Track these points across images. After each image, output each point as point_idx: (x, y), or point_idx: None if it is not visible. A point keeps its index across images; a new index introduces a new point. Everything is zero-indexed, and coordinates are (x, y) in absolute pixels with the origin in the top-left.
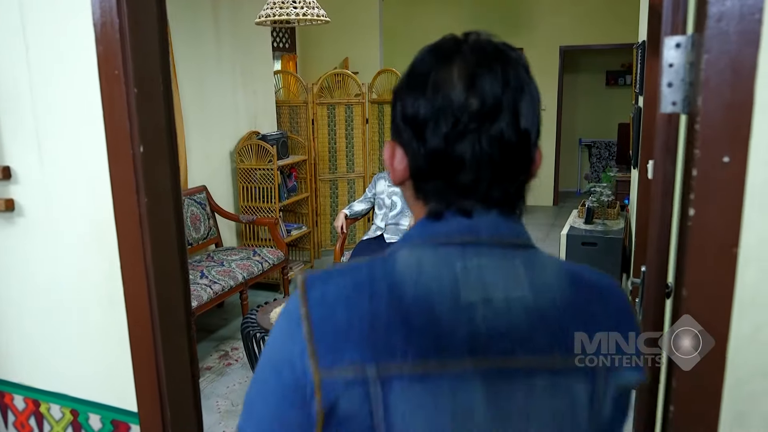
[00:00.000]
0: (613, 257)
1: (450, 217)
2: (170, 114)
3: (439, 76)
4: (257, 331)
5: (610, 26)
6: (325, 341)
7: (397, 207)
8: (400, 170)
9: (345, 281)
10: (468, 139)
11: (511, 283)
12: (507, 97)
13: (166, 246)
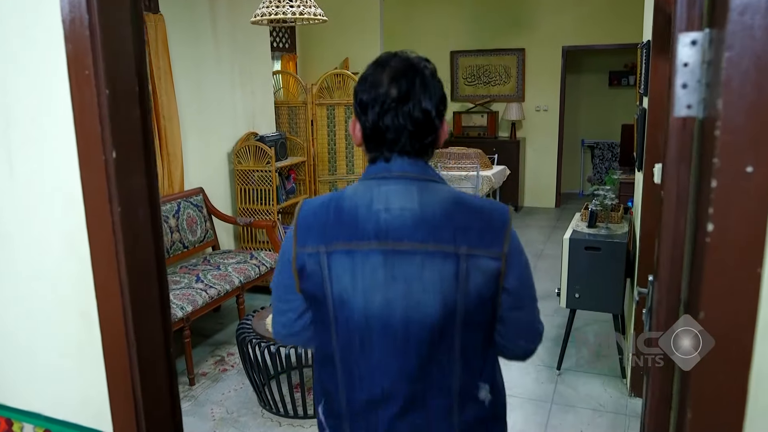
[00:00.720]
0: (617, 262)
1: (378, 161)
2: (147, 117)
3: (375, 77)
4: (252, 337)
5: (613, 26)
6: (301, 234)
7: None
8: (358, 136)
9: (317, 202)
10: (389, 115)
11: (405, 200)
12: (413, 90)
13: (142, 257)
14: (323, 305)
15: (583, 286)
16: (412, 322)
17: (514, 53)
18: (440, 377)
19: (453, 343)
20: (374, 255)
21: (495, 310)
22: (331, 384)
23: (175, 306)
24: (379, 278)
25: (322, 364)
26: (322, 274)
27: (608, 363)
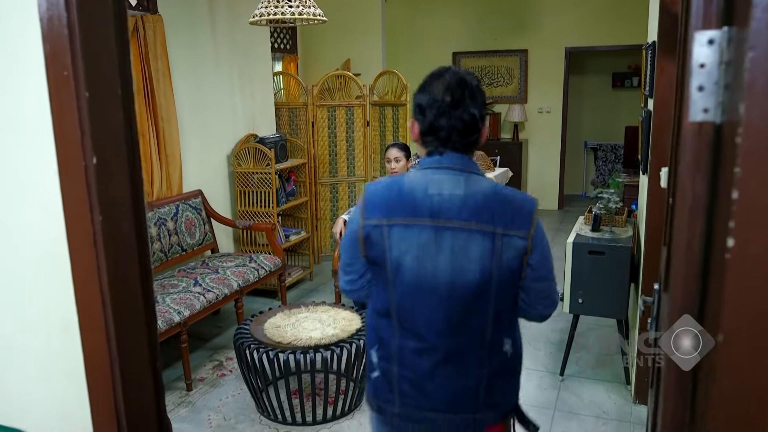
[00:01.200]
0: (622, 267)
1: (433, 155)
2: (131, 120)
3: (433, 87)
4: (251, 342)
5: (616, 27)
6: (367, 210)
7: None
8: (416, 133)
9: (380, 185)
10: (444, 117)
11: (454, 187)
12: (463, 98)
13: (126, 268)
14: (383, 268)
15: (586, 291)
16: (456, 286)
17: (517, 54)
18: (475, 332)
19: (487, 304)
20: (427, 229)
21: (520, 280)
22: (386, 333)
23: (172, 311)
24: (431, 248)
25: (380, 316)
26: (383, 243)
27: (612, 369)
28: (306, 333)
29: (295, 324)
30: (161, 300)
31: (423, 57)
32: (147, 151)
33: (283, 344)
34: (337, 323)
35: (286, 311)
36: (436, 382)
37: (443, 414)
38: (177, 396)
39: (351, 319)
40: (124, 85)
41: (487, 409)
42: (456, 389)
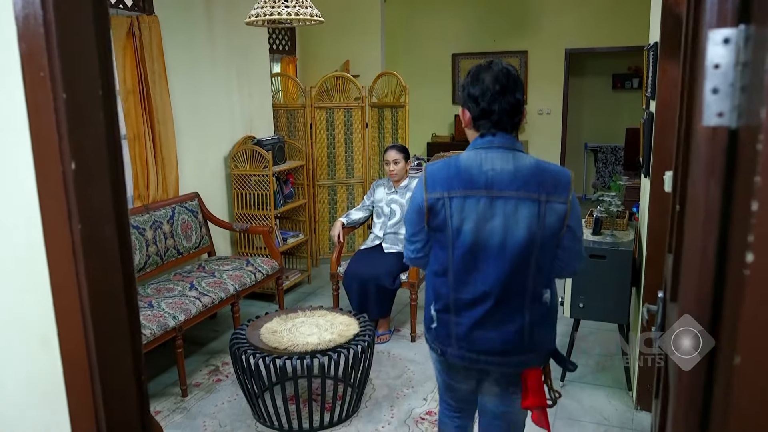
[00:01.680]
0: (623, 271)
1: (486, 136)
2: (113, 123)
3: (482, 77)
4: (246, 348)
5: (616, 28)
6: (429, 185)
7: (396, 216)
8: (468, 119)
9: (438, 164)
10: (496, 102)
11: (504, 163)
12: (509, 87)
13: (108, 278)
14: (444, 234)
15: (587, 295)
16: (506, 245)
17: (517, 56)
18: (520, 283)
19: (531, 260)
20: (483, 199)
21: (559, 240)
22: (443, 289)
23: (167, 315)
24: (486, 214)
25: (437, 276)
26: (445, 212)
27: (613, 374)
28: (303, 338)
29: (292, 329)
30: (156, 304)
31: (422, 58)
32: (143, 153)
33: (280, 350)
34: (334, 328)
35: (282, 316)
36: (487, 328)
37: (494, 357)
38: (172, 402)
39: (348, 323)
40: (106, 87)
41: (529, 352)
42: (503, 334)
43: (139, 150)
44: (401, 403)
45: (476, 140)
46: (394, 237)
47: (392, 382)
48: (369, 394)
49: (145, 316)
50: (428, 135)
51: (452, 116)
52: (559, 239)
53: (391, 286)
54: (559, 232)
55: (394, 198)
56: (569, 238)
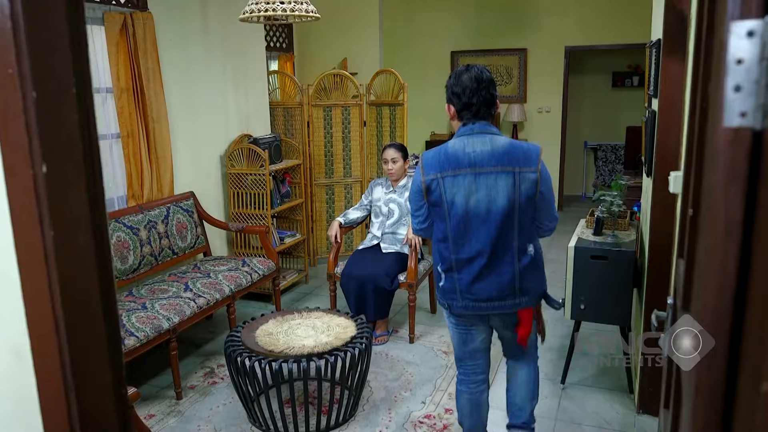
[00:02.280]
0: (625, 272)
1: (467, 125)
2: (89, 123)
3: (463, 77)
4: (241, 351)
5: (616, 26)
6: (426, 169)
7: (395, 215)
8: (453, 112)
9: (431, 153)
10: (475, 96)
11: (483, 145)
12: (484, 85)
13: (83, 288)
14: (441, 207)
15: (588, 296)
16: (491, 211)
17: (516, 53)
18: (507, 241)
19: (513, 222)
20: (469, 176)
21: (534, 203)
22: (446, 251)
23: (161, 317)
24: (472, 188)
25: (440, 241)
26: (440, 189)
27: (614, 377)
28: (299, 341)
29: (288, 331)
30: (150, 306)
31: (421, 56)
32: (137, 152)
33: (275, 353)
34: (331, 330)
35: (278, 317)
36: (484, 280)
37: (492, 302)
38: (166, 405)
39: (346, 326)
40: (81, 84)
41: (522, 294)
42: (498, 283)
43: (133, 148)
44: (399, 407)
45: (460, 129)
46: (392, 237)
47: (390, 384)
48: (366, 397)
49: (138, 317)
50: (427, 133)
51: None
52: (535, 203)
53: (389, 287)
54: (534, 196)
55: (393, 197)
56: (541, 200)
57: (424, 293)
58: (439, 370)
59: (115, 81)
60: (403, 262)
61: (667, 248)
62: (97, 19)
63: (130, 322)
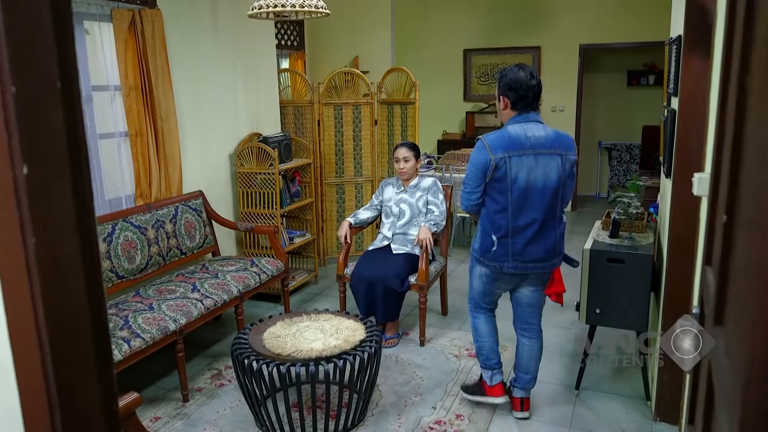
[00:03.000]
0: (643, 276)
1: (523, 114)
2: (75, 120)
3: (520, 74)
4: (248, 354)
5: (632, 23)
6: (492, 149)
7: (406, 216)
8: (507, 103)
9: (494, 135)
10: (530, 90)
11: (539, 131)
12: (535, 81)
13: (69, 299)
14: (504, 183)
15: (604, 301)
16: (546, 186)
17: (530, 52)
18: (553, 211)
19: (558, 195)
20: (531, 156)
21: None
22: (503, 220)
23: (168, 318)
24: (533, 166)
25: (497, 213)
26: (506, 167)
27: (630, 383)
28: (307, 344)
29: (296, 334)
30: (157, 306)
31: (433, 54)
32: (145, 151)
33: (283, 356)
34: (340, 333)
35: (286, 320)
36: (535, 244)
37: (538, 263)
38: (172, 407)
39: (355, 329)
40: (66, 78)
41: (557, 256)
42: (545, 246)
43: (141, 147)
44: (409, 412)
45: (515, 117)
46: (403, 238)
47: (400, 388)
48: (376, 402)
49: (145, 318)
50: (439, 132)
51: (464, 113)
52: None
53: (399, 289)
54: (570, 176)
55: (404, 197)
56: (571, 178)
57: (434, 295)
58: (450, 374)
59: (123, 79)
60: (413, 263)
61: (687, 252)
62: (105, 16)
63: (136, 323)
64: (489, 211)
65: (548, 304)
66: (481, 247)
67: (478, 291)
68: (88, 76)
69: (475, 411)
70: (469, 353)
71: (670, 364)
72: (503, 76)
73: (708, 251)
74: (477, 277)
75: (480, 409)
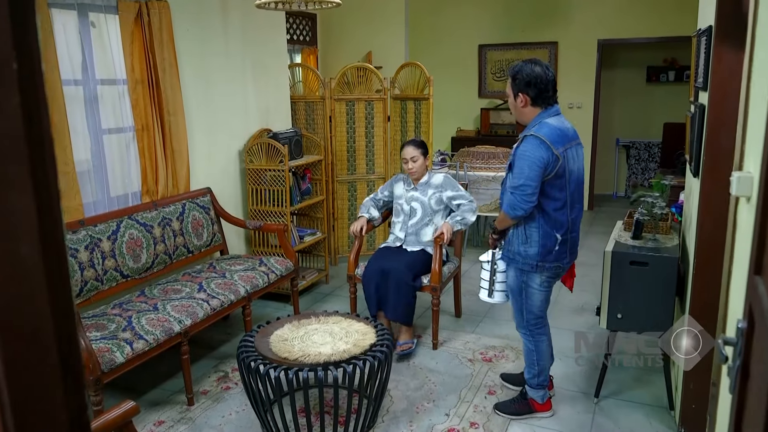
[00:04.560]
0: (668, 280)
1: (549, 108)
2: (39, 111)
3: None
4: (254, 358)
5: (653, 18)
6: (554, 144)
7: (417, 214)
8: (527, 100)
9: (546, 130)
10: (549, 84)
11: (567, 122)
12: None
13: (26, 314)
14: (563, 178)
15: (626, 305)
16: (582, 175)
17: (546, 47)
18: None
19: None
20: (575, 147)
21: None
22: (563, 216)
23: (172, 319)
24: (575, 157)
25: (557, 210)
26: (564, 161)
27: (653, 391)
28: (315, 348)
29: (304, 337)
30: (162, 307)
31: (447, 49)
32: (151, 146)
33: (290, 360)
34: (349, 337)
35: (294, 322)
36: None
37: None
38: (177, 411)
39: (365, 332)
40: (24, 59)
41: None
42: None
43: (147, 143)
44: (421, 419)
45: (545, 111)
46: (416, 239)
47: (412, 394)
48: (386, 407)
49: (148, 320)
50: (453, 129)
51: (478, 110)
52: None
53: (410, 282)
54: None
55: (414, 195)
56: None
57: (448, 296)
58: (464, 379)
59: (130, 72)
60: (427, 262)
61: (716, 256)
62: (111, 8)
63: (139, 325)
64: (548, 210)
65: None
66: (542, 251)
67: (541, 303)
68: (95, 69)
69: (490, 419)
70: (484, 357)
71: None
72: (517, 72)
73: (758, 259)
74: (538, 287)
75: (495, 417)
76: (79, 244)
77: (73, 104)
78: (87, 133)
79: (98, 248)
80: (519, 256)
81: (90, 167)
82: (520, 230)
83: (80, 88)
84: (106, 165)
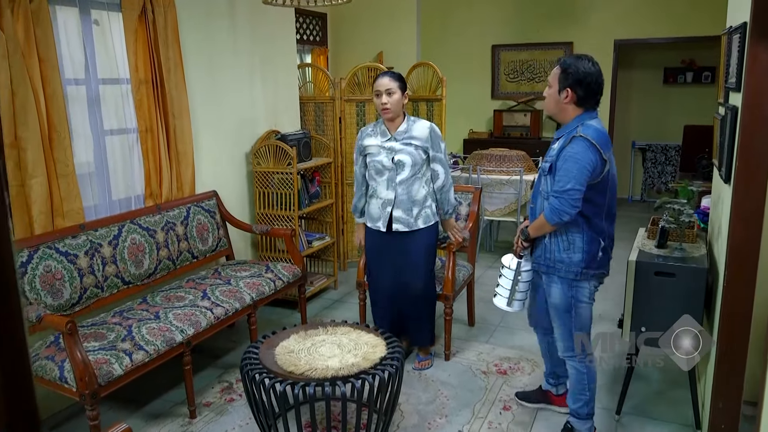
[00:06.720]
0: (696, 291)
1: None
2: None
3: (590, 67)
4: (258, 371)
5: (671, 18)
6: (603, 148)
7: (405, 169)
8: (572, 98)
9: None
10: (600, 88)
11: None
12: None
13: None
14: (605, 183)
15: (651, 318)
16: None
17: (561, 47)
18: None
19: None
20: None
21: None
22: (603, 223)
23: (174, 329)
24: (613, 162)
25: (597, 216)
26: (609, 166)
27: (678, 408)
28: (322, 361)
29: (311, 349)
30: (164, 316)
31: (460, 49)
32: (156, 148)
33: (296, 374)
34: (358, 349)
35: (301, 332)
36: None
37: None
38: (178, 424)
39: (375, 344)
40: None
41: None
42: None
43: (151, 144)
44: None
45: (588, 113)
46: (408, 201)
47: (423, 408)
48: (397, 423)
49: (149, 329)
50: (465, 131)
51: (491, 111)
52: None
53: (431, 295)
54: None
55: (396, 147)
56: None
57: (460, 303)
58: (477, 393)
59: (133, 72)
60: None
61: (748, 266)
62: (114, 5)
63: (140, 334)
64: (591, 215)
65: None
66: (587, 257)
67: (588, 316)
68: (97, 68)
69: None
70: (498, 370)
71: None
72: (570, 65)
73: None
74: (587, 301)
75: None
76: (79, 249)
77: (74, 104)
78: (89, 134)
79: (99, 254)
80: (561, 264)
81: (91, 169)
82: (560, 236)
83: (82, 88)
84: (108, 167)
